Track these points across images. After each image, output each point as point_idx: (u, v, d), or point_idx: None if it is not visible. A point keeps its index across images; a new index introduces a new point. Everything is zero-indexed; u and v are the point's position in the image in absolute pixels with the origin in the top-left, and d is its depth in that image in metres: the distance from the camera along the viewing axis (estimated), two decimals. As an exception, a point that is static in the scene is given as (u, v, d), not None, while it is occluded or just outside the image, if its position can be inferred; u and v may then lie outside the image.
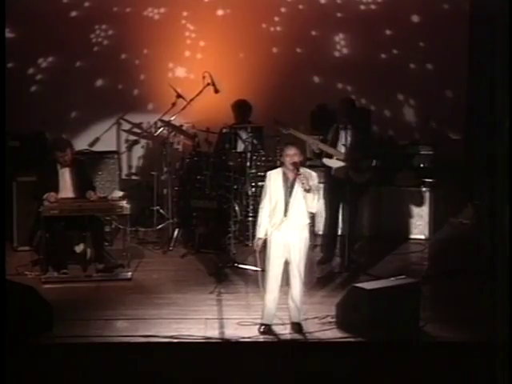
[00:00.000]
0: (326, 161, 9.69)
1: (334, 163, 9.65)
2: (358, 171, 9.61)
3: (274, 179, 7.76)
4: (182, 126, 11.28)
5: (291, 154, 7.67)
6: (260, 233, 7.80)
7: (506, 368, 5.74)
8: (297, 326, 7.84)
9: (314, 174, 7.78)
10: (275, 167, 8.27)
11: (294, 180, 7.66)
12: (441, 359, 7.37)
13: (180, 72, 12.29)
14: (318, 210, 7.88)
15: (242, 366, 7.29)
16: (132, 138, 12.29)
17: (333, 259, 10.01)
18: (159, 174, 11.08)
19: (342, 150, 9.60)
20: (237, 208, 10.42)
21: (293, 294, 7.81)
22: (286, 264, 7.77)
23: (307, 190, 7.57)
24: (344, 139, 9.64)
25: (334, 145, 9.67)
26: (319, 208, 7.81)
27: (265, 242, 7.81)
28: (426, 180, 11.24)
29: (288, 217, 7.69)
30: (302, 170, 7.67)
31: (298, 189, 7.66)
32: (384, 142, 11.80)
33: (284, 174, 7.74)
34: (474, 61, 11.93)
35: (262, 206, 7.85)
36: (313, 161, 10.10)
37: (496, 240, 6.23)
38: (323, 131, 9.89)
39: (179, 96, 11.14)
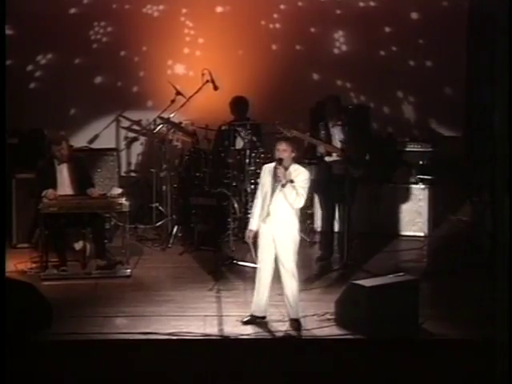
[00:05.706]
0: (327, 159, 9.70)
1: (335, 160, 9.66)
2: (356, 165, 9.62)
3: (267, 173, 7.83)
4: (181, 123, 11.27)
5: (281, 149, 7.74)
6: (252, 225, 7.89)
7: (506, 366, 5.73)
8: (295, 323, 7.84)
9: (304, 172, 7.78)
10: (272, 163, 8.27)
11: None
12: (440, 356, 7.37)
13: (179, 69, 12.29)
14: (298, 207, 7.82)
15: (241, 363, 7.28)
16: (131, 135, 12.28)
17: (331, 256, 10.02)
18: (158, 171, 11.08)
19: (339, 146, 9.62)
20: (236, 205, 10.42)
21: (285, 291, 7.83)
22: (277, 260, 7.79)
23: (283, 185, 7.63)
24: (338, 136, 9.68)
25: (329, 142, 9.70)
26: (299, 205, 7.76)
27: (257, 234, 7.85)
28: (425, 177, 11.24)
29: (272, 210, 7.73)
30: (294, 166, 7.72)
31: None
32: (383, 138, 11.81)
33: (275, 169, 7.77)
34: (473, 58, 11.92)
35: (255, 198, 7.98)
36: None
37: (495, 237, 6.22)
38: (314, 129, 9.91)
39: (178, 93, 11.14)
